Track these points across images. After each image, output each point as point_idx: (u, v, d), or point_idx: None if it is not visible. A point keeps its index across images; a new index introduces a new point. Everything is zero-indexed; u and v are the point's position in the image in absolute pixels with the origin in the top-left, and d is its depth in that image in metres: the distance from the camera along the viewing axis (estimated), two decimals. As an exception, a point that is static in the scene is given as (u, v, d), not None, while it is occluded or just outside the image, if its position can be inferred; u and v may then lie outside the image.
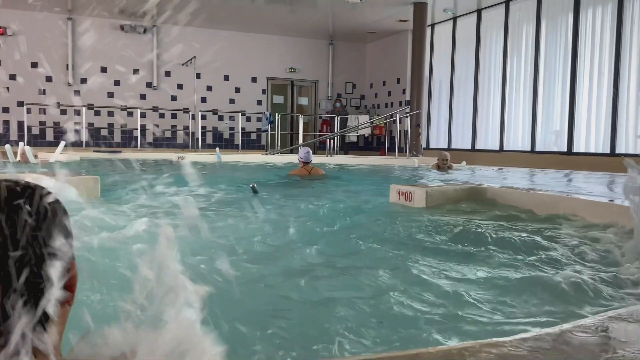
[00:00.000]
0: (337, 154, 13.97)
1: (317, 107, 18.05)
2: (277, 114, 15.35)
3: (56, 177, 4.48)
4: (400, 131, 14.13)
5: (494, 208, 4.31)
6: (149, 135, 15.55)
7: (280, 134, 15.13)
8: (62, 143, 6.80)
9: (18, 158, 8.10)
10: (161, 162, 10.84)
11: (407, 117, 13.97)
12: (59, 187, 4.42)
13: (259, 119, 16.74)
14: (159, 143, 15.71)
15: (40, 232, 0.83)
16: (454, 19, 14.63)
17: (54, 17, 14.50)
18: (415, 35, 13.64)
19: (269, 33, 16.44)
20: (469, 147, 14.15)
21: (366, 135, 17.41)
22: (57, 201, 0.90)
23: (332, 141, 14.13)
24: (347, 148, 16.84)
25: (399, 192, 4.72)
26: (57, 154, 8.56)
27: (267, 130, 15.72)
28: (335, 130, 15.19)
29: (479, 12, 13.81)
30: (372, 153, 16.55)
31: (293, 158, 11.42)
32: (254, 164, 10.74)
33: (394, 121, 14.03)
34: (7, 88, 14.42)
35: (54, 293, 0.81)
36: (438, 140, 15.60)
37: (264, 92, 17.24)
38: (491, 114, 13.55)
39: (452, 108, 14.93)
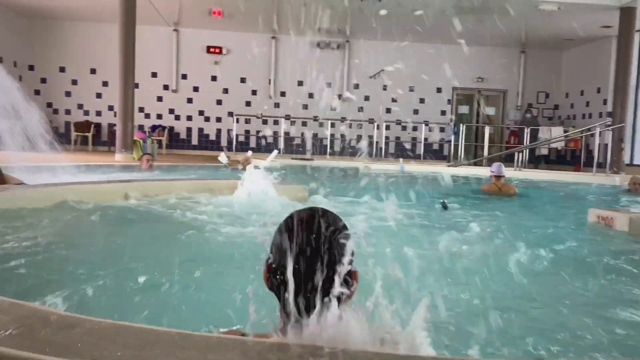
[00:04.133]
0: (525, 168, 13.37)
1: (504, 118, 17.44)
2: (461, 125, 15.20)
3: (273, 185, 5.15)
4: (599, 145, 13.02)
5: None
6: (337, 144, 16.52)
7: (465, 144, 14.95)
8: (275, 152, 7.67)
9: (240, 166, 9.31)
10: (349, 170, 11.50)
11: (608, 130, 12.82)
12: (275, 194, 5.10)
13: (442, 129, 16.73)
14: (346, 152, 16.58)
15: (338, 250, 1.19)
16: (671, 20, 13.05)
17: (261, 37, 16.22)
18: (621, 41, 12.50)
19: (455, 43, 16.33)
20: (685, 164, 12.50)
21: (559, 148, 16.31)
22: (345, 226, 1.27)
23: (520, 154, 13.56)
24: (537, 161, 15.96)
25: (598, 217, 4.51)
26: (269, 161, 9.63)
27: (450, 141, 15.65)
28: (525, 142, 14.53)
29: (702, 12, 12.15)
30: (565, 168, 15.46)
31: (478, 171, 11.26)
32: (437, 175, 10.81)
33: (592, 134, 12.98)
34: (221, 101, 16.49)
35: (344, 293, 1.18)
36: (645, 155, 14.03)
37: (449, 102, 17.18)
38: None
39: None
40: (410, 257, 2.81)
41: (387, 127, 16.01)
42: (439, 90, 17.00)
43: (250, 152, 10.35)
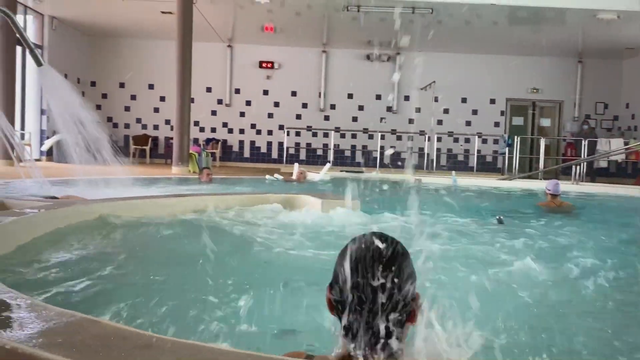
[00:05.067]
0: (583, 181, 12.91)
1: (561, 129, 16.93)
2: (516, 136, 14.86)
3: (324, 199, 5.21)
4: (663, 157, 12.45)
5: None
6: (386, 157, 16.44)
7: (519, 157, 14.59)
8: (328, 165, 7.76)
9: (294, 177, 9.44)
10: (400, 183, 11.42)
11: (673, 141, 12.25)
12: (327, 208, 5.14)
13: (495, 141, 16.41)
14: (396, 164, 16.48)
15: (400, 276, 1.22)
16: None
17: (311, 51, 16.44)
18: (687, 48, 11.95)
19: (509, 54, 16.03)
20: None
21: (619, 161, 15.67)
22: (406, 251, 1.29)
23: (578, 167, 13.11)
24: (594, 174, 15.38)
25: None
26: (322, 174, 9.71)
27: (504, 153, 15.32)
28: (583, 155, 14.05)
29: None
30: (625, 181, 14.82)
31: (533, 184, 10.96)
32: (491, 189, 10.60)
33: (656, 146, 12.43)
34: (272, 114, 16.76)
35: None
36: None
37: (502, 113, 16.85)
38: None
39: None
40: (467, 277, 2.80)
41: (439, 139, 15.83)
42: (492, 101, 16.71)
43: (297, 165, 10.44)
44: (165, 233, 3.73)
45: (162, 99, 16.45)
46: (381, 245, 1.24)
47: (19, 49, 11.83)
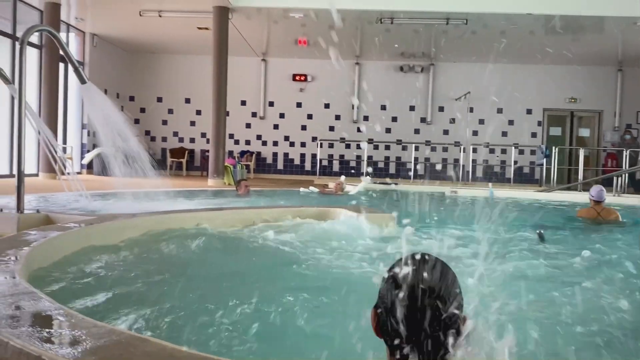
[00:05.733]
0: (625, 193, 12.53)
1: (600, 139, 16.50)
2: (553, 147, 14.54)
3: (359, 212, 5.19)
4: None
5: None
6: (420, 168, 16.32)
7: (557, 168, 14.27)
8: (367, 177, 7.75)
9: (330, 188, 9.44)
10: (435, 195, 11.30)
11: None
12: (363, 222, 5.13)
13: (532, 152, 16.10)
14: (431, 176, 16.34)
15: (448, 300, 1.21)
16: None
17: (345, 63, 16.51)
18: None
19: (546, 63, 15.75)
20: None
21: (663, 171, 15.17)
22: (453, 274, 1.28)
23: (619, 178, 12.73)
24: (637, 185, 14.92)
25: None
26: (361, 187, 9.68)
27: (542, 164, 15.00)
28: (624, 166, 13.65)
29: None
30: (671, 192, 14.33)
31: (573, 196, 10.69)
32: (530, 202, 10.39)
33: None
34: (305, 126, 16.86)
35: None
36: None
37: (539, 124, 16.55)
38: None
39: None
40: (511, 295, 2.74)
41: (474, 150, 15.62)
42: (529, 111, 16.43)
43: (343, 177, 10.38)
44: (206, 247, 3.78)
45: (198, 112, 16.75)
46: (428, 268, 1.23)
47: (61, 65, 12.25)
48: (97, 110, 4.95)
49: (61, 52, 11.17)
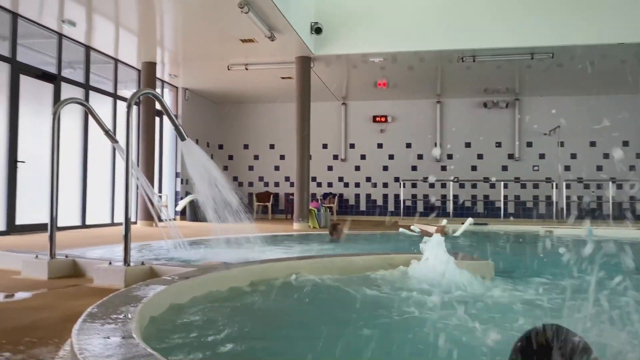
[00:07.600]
0: None
1: None
2: (657, 181, 13.57)
3: (455, 260, 5.01)
4: None
5: None
6: (510, 206, 15.72)
7: (663, 203, 13.25)
8: (470, 219, 7.54)
9: (434, 231, 9.27)
10: (528, 236, 10.79)
11: None
12: (457, 269, 4.96)
13: (632, 186, 15.05)
14: (522, 214, 15.68)
15: None
16: None
17: (425, 102, 16.45)
18: None
19: (642, 91, 14.90)
20: None
21: None
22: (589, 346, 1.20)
23: None
24: None
25: None
26: (464, 229, 9.45)
27: (644, 199, 14.00)
28: None
29: None
30: None
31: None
32: (636, 240, 9.63)
33: None
34: (387, 167, 16.82)
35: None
36: None
37: (637, 156, 15.51)
38: None
39: None
40: None
41: (568, 186, 14.87)
42: (625, 143, 15.48)
43: (445, 221, 10.16)
44: (308, 297, 3.80)
45: (282, 157, 17.21)
46: (561, 344, 1.17)
47: (157, 119, 13.09)
48: (196, 164, 5.21)
49: (158, 107, 11.93)
